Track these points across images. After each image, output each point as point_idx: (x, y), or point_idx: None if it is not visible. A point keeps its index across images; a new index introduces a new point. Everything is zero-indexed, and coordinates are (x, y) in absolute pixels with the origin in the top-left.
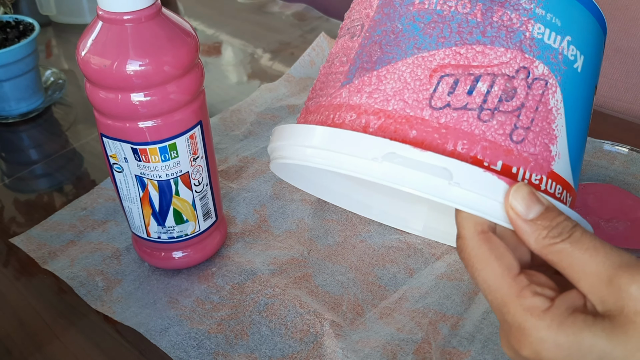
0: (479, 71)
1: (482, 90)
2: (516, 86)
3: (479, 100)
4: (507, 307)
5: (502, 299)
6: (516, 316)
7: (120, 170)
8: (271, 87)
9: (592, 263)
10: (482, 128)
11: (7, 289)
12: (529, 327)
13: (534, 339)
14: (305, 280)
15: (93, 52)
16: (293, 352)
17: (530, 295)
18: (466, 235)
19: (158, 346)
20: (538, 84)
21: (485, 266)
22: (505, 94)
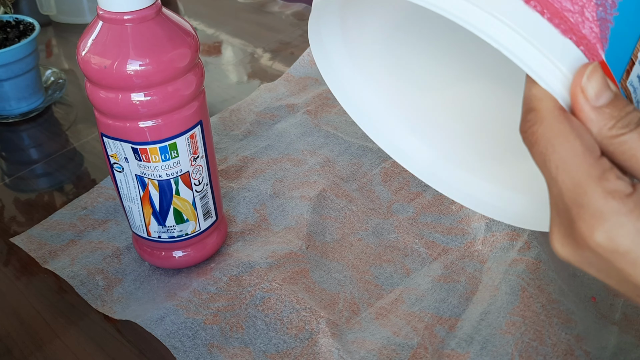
0: None
1: None
2: None
3: None
4: (585, 189)
5: (580, 179)
6: (594, 198)
7: (120, 169)
8: (271, 86)
9: None
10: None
11: (8, 288)
12: (608, 210)
13: (612, 223)
14: (302, 276)
15: (93, 52)
16: (287, 348)
17: (614, 178)
18: (543, 107)
19: (154, 334)
20: None
21: (564, 142)
22: None
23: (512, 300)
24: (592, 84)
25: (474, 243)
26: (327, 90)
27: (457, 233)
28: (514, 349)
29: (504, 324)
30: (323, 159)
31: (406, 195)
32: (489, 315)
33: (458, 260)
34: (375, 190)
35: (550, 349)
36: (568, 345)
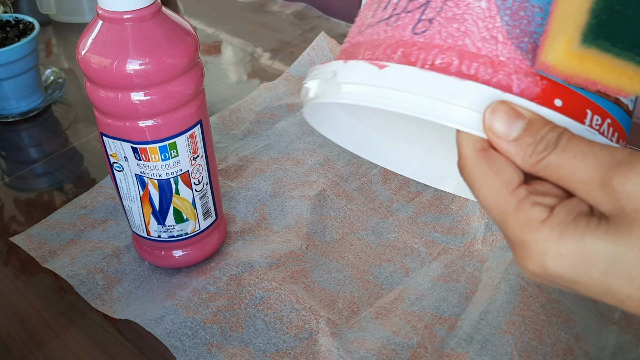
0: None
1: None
2: None
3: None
4: (507, 223)
5: (501, 214)
6: (515, 231)
7: (120, 169)
8: (271, 86)
9: (583, 169)
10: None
11: (8, 287)
12: (528, 240)
13: (535, 253)
14: (302, 275)
15: (93, 51)
16: (287, 348)
17: (528, 207)
18: (465, 153)
19: (153, 334)
20: None
21: (483, 183)
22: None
23: (511, 299)
24: (498, 121)
25: (474, 243)
26: None
27: (456, 233)
28: (513, 349)
29: (503, 324)
30: (323, 159)
31: (406, 195)
32: (489, 314)
33: (458, 259)
34: (375, 190)
35: (549, 349)
36: (567, 344)
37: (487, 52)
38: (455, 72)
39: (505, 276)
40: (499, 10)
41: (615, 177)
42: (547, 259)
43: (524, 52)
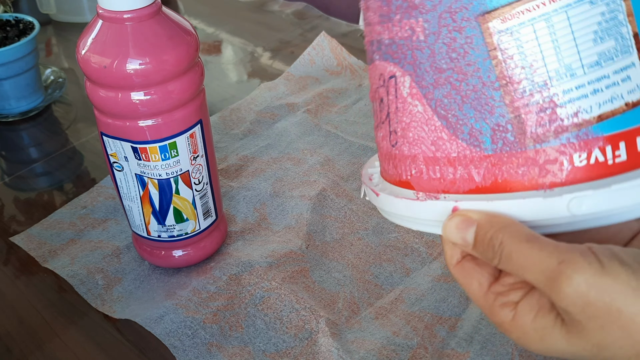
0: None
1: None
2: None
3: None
4: (491, 321)
5: (485, 314)
6: (499, 330)
7: (120, 169)
8: (271, 85)
9: (530, 272)
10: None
11: (8, 287)
12: (508, 336)
13: (519, 344)
14: (302, 275)
15: (93, 51)
16: (287, 348)
17: (497, 310)
18: (447, 265)
19: (153, 333)
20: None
21: (464, 288)
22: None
23: None
24: (453, 234)
25: None
26: (327, 89)
27: None
28: (514, 349)
29: None
30: (323, 158)
31: None
32: None
33: None
34: None
35: None
36: None
37: (441, 154)
38: (427, 180)
39: None
40: (433, 110)
41: (556, 281)
42: (532, 350)
43: (469, 142)
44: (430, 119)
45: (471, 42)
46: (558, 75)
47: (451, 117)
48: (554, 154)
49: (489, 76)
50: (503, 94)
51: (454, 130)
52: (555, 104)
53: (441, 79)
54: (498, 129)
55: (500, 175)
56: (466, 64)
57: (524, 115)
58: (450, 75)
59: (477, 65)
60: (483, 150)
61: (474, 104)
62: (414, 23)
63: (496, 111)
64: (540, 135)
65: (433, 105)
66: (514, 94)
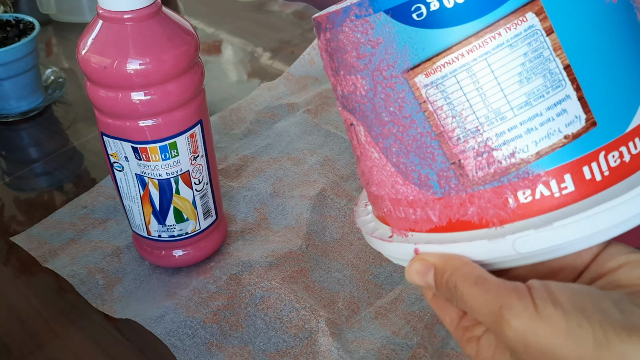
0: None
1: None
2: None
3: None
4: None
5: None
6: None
7: (120, 169)
8: (271, 85)
9: (479, 315)
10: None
11: (8, 287)
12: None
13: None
14: (302, 275)
15: (93, 51)
16: (287, 347)
17: (465, 345)
18: (426, 298)
19: (153, 333)
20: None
21: (444, 322)
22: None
23: None
24: (416, 278)
25: None
26: (327, 89)
27: None
28: None
29: None
30: (323, 158)
31: None
32: None
33: None
34: None
35: None
36: None
37: (401, 196)
38: (396, 218)
39: None
40: (386, 157)
41: (499, 324)
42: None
43: (420, 187)
44: (385, 164)
45: (403, 97)
46: (488, 121)
47: (401, 164)
48: (498, 194)
49: (425, 126)
50: (440, 142)
51: (406, 175)
52: (490, 147)
53: (386, 130)
54: (442, 174)
55: (453, 216)
56: (403, 116)
57: (463, 161)
58: (392, 127)
59: (412, 117)
60: (434, 194)
61: (417, 152)
62: (354, 79)
63: (437, 158)
64: (481, 178)
65: (385, 153)
66: (450, 142)
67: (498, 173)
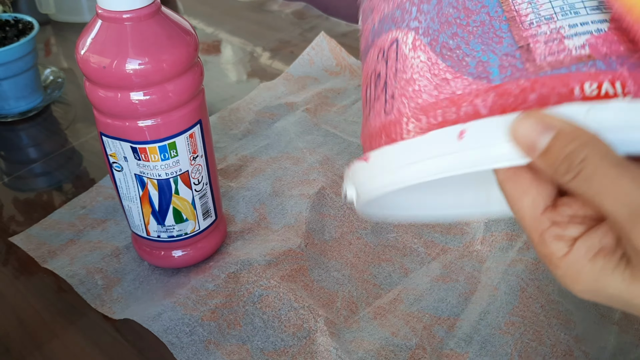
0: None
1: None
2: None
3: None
4: (535, 249)
5: (530, 240)
6: (542, 260)
7: (119, 169)
8: (270, 85)
9: (609, 203)
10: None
11: (7, 287)
12: (553, 272)
13: (560, 282)
14: (300, 274)
15: (92, 51)
16: (285, 346)
17: (549, 241)
18: (498, 177)
19: (151, 330)
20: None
21: (513, 205)
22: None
23: (511, 300)
24: (520, 138)
25: (473, 243)
26: (327, 89)
27: (456, 233)
28: (513, 349)
29: (503, 324)
30: (322, 157)
31: None
32: (488, 315)
33: (457, 260)
34: None
35: (549, 350)
36: (567, 345)
37: (444, 95)
38: (426, 129)
39: (504, 276)
40: (438, 54)
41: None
42: (571, 290)
43: (475, 76)
44: (434, 64)
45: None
46: (562, 11)
47: (456, 56)
48: (564, 82)
49: (497, 11)
50: (510, 26)
51: (459, 67)
52: (563, 35)
53: (447, 23)
54: (506, 59)
55: (508, 105)
56: (473, 3)
57: (533, 45)
58: (457, 17)
59: (484, 3)
60: (491, 82)
61: (481, 38)
62: None
63: (504, 42)
64: (549, 63)
65: (438, 50)
66: (522, 25)
67: (567, 61)
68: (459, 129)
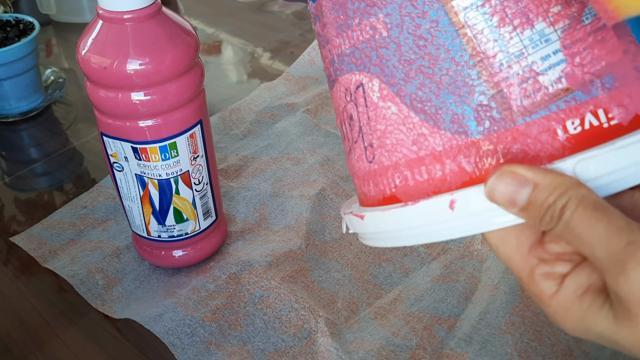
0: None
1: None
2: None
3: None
4: (523, 287)
5: (517, 279)
6: (532, 298)
7: (120, 169)
8: (271, 85)
9: (589, 246)
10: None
11: (8, 287)
12: (543, 309)
13: (552, 319)
14: (301, 275)
15: (93, 51)
16: (286, 347)
17: (539, 279)
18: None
19: (152, 331)
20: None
21: (497, 247)
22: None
23: (511, 300)
24: (498, 198)
25: (473, 242)
26: (327, 90)
27: None
28: (513, 349)
29: (503, 324)
30: (323, 158)
31: None
32: (488, 315)
33: (457, 259)
34: None
35: (549, 349)
36: (567, 345)
37: (425, 151)
38: (414, 186)
39: (504, 276)
40: (409, 107)
41: (620, 263)
42: (566, 329)
43: (453, 131)
44: (407, 117)
45: (437, 25)
46: (532, 43)
47: (429, 108)
48: (545, 125)
49: (462, 55)
50: (480, 70)
51: (435, 121)
52: (536, 72)
53: (412, 71)
54: (482, 109)
55: (494, 159)
56: (435, 48)
57: (506, 89)
58: (421, 64)
59: (447, 47)
60: (469, 136)
61: (450, 88)
62: (374, 21)
63: (476, 90)
64: (527, 108)
65: (408, 102)
66: (491, 68)
67: (545, 101)
68: (449, 198)
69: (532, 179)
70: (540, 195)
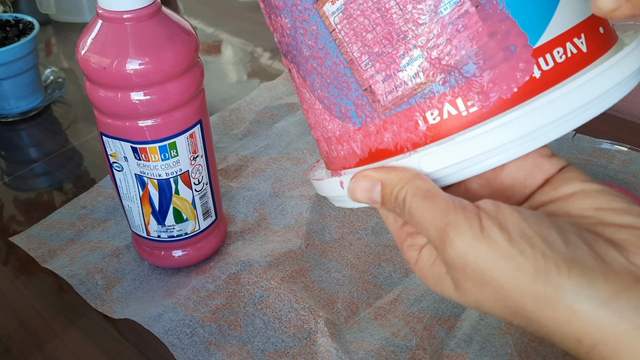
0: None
1: None
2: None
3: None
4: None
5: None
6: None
7: (120, 169)
8: (270, 85)
9: (425, 231)
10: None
11: (7, 287)
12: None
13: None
14: (301, 275)
15: (93, 51)
16: (286, 347)
17: (406, 250)
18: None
19: (152, 332)
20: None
21: (385, 220)
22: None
23: None
24: (360, 199)
25: None
26: None
27: None
28: (513, 349)
29: (503, 324)
30: None
31: None
32: (488, 315)
33: None
34: None
35: (549, 350)
36: None
37: (330, 134)
38: (331, 159)
39: None
40: (314, 96)
41: (443, 241)
42: (431, 289)
43: (343, 120)
44: (314, 103)
45: (317, 28)
46: (391, 42)
47: (325, 99)
48: (407, 117)
49: (337, 55)
50: (352, 70)
51: (330, 110)
52: (396, 69)
53: (308, 66)
54: (358, 103)
55: (372, 146)
56: (319, 48)
57: (374, 86)
58: (313, 62)
59: (327, 47)
60: (353, 125)
61: (335, 83)
62: (280, 20)
63: (352, 87)
64: (391, 102)
65: (312, 91)
66: (360, 67)
67: (406, 95)
68: (338, 180)
69: (379, 178)
70: (386, 191)
